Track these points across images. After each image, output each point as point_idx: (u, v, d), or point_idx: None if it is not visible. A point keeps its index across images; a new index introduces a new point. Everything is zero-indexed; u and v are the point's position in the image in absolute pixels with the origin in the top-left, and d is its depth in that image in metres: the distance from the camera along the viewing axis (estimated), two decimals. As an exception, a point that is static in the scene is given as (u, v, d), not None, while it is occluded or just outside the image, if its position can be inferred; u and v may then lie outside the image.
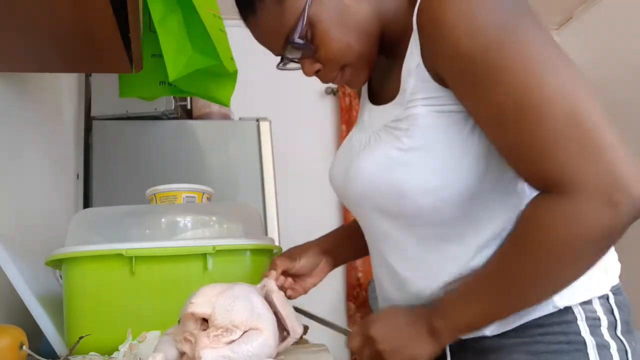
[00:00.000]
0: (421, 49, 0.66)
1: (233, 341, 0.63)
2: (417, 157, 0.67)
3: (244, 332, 0.64)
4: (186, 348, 0.64)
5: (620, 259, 0.75)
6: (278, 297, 0.73)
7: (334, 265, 0.95)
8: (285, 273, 0.87)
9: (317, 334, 0.79)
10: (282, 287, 0.85)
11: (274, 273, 0.82)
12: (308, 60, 0.74)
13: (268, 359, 0.64)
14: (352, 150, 0.79)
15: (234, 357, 0.61)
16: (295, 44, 0.71)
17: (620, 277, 0.74)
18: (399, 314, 0.72)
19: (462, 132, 0.66)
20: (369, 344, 0.71)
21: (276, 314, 0.72)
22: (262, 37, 0.76)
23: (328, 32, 0.70)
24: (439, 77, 0.65)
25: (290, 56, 0.75)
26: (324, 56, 0.73)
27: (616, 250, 0.75)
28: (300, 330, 0.74)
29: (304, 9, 0.69)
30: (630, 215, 0.54)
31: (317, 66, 0.75)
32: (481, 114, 0.62)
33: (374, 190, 0.71)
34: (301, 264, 0.89)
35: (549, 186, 0.58)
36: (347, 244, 0.95)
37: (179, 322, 0.68)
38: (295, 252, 0.90)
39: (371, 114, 0.79)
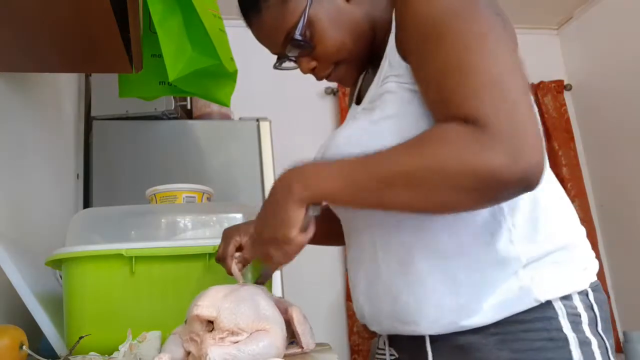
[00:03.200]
0: (395, 34, 0.73)
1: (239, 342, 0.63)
2: (386, 126, 0.71)
3: (251, 334, 0.64)
4: (192, 348, 0.65)
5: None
6: (297, 312, 0.75)
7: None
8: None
9: (319, 333, 0.79)
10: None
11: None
12: (305, 58, 0.80)
13: (275, 359, 0.64)
14: (330, 137, 0.83)
15: (241, 355, 0.61)
16: (296, 42, 0.77)
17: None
18: (265, 201, 0.73)
19: (424, 112, 0.69)
20: (263, 244, 0.72)
21: (292, 325, 0.73)
22: (265, 35, 0.81)
23: (325, 31, 0.77)
24: (405, 53, 0.71)
25: (289, 54, 0.80)
26: (320, 53, 0.79)
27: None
28: (313, 345, 0.76)
29: (304, 10, 0.75)
30: (520, 176, 0.57)
31: (313, 64, 0.81)
32: (426, 68, 0.66)
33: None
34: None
35: (468, 122, 0.60)
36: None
37: (185, 321, 0.68)
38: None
39: (354, 109, 0.85)
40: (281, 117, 2.42)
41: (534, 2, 3.08)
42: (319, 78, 0.84)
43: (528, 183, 0.59)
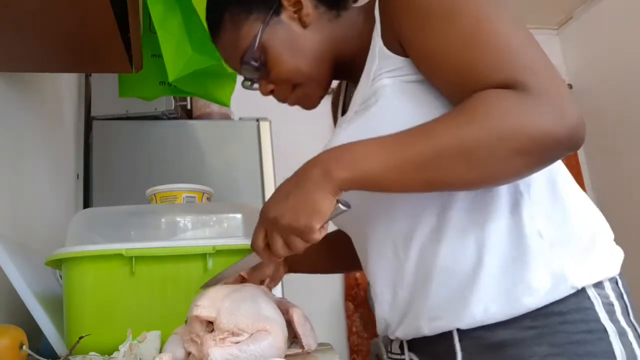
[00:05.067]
0: (382, 33, 0.73)
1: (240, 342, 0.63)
2: (385, 118, 0.70)
3: (251, 335, 0.64)
4: (192, 349, 0.65)
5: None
6: (297, 313, 0.74)
7: (288, 271, 0.96)
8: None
9: (319, 333, 0.79)
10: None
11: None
12: (263, 81, 0.83)
13: (276, 359, 0.64)
14: (326, 145, 0.81)
15: (242, 356, 0.61)
16: (249, 65, 0.80)
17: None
18: (287, 180, 0.67)
19: (426, 99, 0.69)
20: (274, 229, 0.65)
21: (293, 327, 0.73)
22: (225, 56, 0.85)
23: (278, 56, 0.78)
24: (398, 48, 0.71)
25: (248, 76, 0.83)
26: (275, 77, 0.80)
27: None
28: (315, 346, 0.75)
29: (256, 36, 0.78)
30: (572, 134, 0.58)
31: (271, 87, 0.83)
32: (435, 47, 0.66)
33: None
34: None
35: (510, 87, 0.60)
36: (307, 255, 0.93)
37: (186, 321, 0.68)
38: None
39: (341, 120, 0.84)
40: (281, 117, 2.41)
41: (534, 2, 3.08)
42: (279, 100, 0.85)
43: (576, 140, 0.59)
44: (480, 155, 0.59)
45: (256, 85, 0.85)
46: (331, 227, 0.89)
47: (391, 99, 0.71)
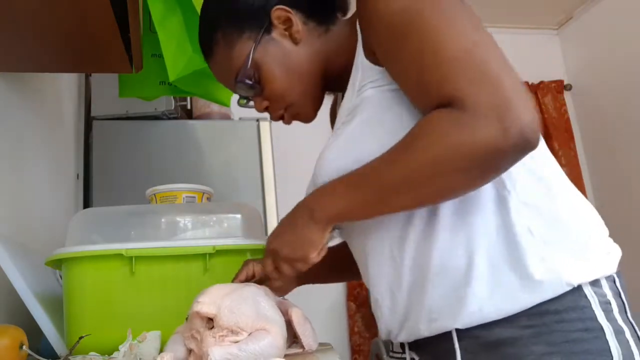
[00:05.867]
0: (362, 44, 0.74)
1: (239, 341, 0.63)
2: (369, 129, 0.72)
3: (251, 333, 0.64)
4: (193, 345, 0.65)
5: (619, 260, 0.75)
6: (297, 313, 0.74)
7: (299, 283, 0.97)
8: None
9: (319, 333, 0.79)
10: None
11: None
12: (258, 98, 0.84)
13: (276, 359, 0.64)
14: (320, 155, 0.82)
15: (242, 355, 0.61)
16: (243, 84, 0.81)
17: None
18: (284, 218, 0.77)
19: (409, 106, 0.71)
20: (277, 258, 0.76)
21: (292, 327, 0.72)
22: (219, 76, 0.87)
23: (271, 74, 0.80)
24: (375, 58, 0.72)
25: (242, 94, 0.84)
26: (269, 94, 0.82)
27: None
28: (315, 347, 0.76)
29: (249, 54, 0.79)
30: (515, 141, 0.58)
31: (265, 103, 0.84)
32: (400, 62, 0.68)
33: (340, 173, 0.72)
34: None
35: (448, 105, 0.62)
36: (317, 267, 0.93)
37: (187, 319, 0.68)
38: None
39: (334, 129, 0.84)
40: (281, 117, 2.42)
41: (534, 2, 3.09)
42: (273, 118, 0.86)
43: (526, 144, 0.59)
44: (425, 183, 0.64)
45: (252, 103, 0.87)
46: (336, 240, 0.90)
47: (373, 110, 0.72)
